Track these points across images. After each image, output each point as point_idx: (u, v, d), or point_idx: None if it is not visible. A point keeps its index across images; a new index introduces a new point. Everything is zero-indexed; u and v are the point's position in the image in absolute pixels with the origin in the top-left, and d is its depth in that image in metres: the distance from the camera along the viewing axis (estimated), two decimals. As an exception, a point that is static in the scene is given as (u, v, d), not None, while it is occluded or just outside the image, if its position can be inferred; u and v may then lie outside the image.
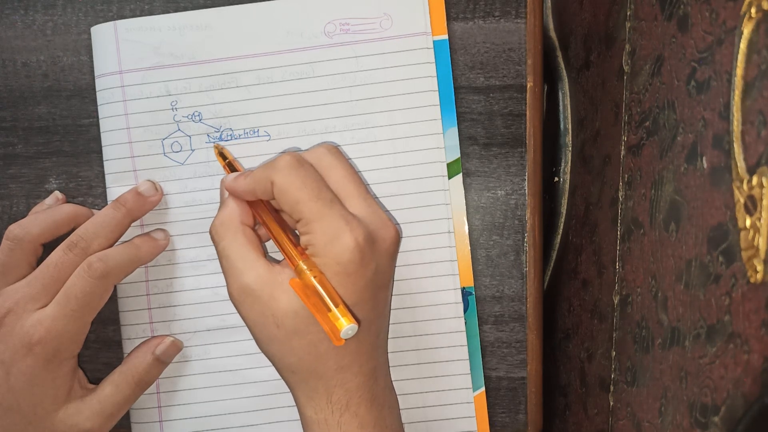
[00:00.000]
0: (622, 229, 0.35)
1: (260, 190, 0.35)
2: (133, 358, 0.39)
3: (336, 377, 0.34)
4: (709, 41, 0.26)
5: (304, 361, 0.34)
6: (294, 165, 0.34)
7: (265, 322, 0.34)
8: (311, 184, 0.34)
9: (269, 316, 0.34)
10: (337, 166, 0.36)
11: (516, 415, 0.41)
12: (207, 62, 0.40)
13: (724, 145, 0.24)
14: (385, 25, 0.40)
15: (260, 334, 0.35)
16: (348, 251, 0.33)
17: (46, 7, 0.41)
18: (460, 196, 0.40)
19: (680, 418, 0.27)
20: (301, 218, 0.34)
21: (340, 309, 0.32)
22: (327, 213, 0.33)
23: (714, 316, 0.25)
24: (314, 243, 0.33)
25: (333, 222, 0.33)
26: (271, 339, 0.34)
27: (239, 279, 0.34)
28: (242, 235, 0.35)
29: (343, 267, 0.33)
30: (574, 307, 0.43)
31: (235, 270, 0.34)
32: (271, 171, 0.34)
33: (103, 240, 0.37)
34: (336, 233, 0.33)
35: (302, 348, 0.34)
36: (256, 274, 0.34)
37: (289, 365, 0.35)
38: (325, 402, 0.34)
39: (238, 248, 0.35)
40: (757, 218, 0.22)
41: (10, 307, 0.35)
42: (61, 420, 0.36)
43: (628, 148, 0.34)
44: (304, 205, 0.33)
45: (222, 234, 0.35)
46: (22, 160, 0.41)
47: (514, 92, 0.41)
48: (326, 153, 0.36)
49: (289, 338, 0.34)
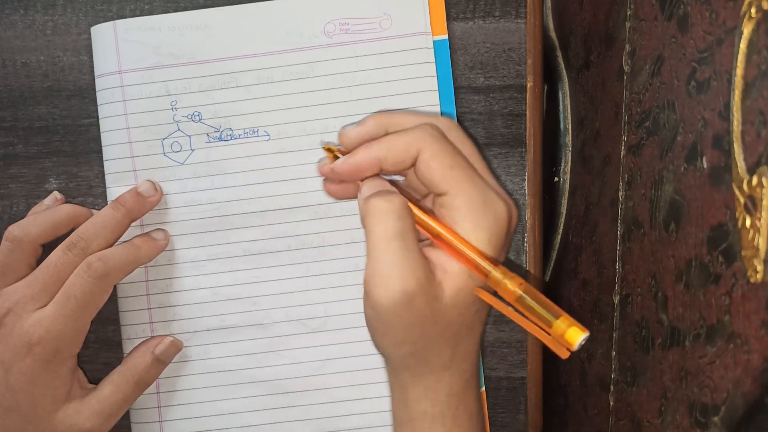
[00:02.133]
0: (622, 229, 0.35)
1: (393, 159, 0.32)
2: (133, 358, 0.39)
3: (461, 366, 0.33)
4: (709, 41, 0.26)
5: (443, 349, 0.32)
6: (441, 133, 0.32)
7: (423, 324, 0.31)
8: (458, 152, 0.32)
9: (429, 317, 0.31)
10: (465, 141, 0.34)
11: (516, 415, 0.41)
12: (207, 62, 0.40)
13: (724, 145, 0.24)
14: (385, 25, 0.40)
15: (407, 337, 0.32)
16: (502, 222, 0.31)
17: (46, 7, 0.41)
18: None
19: (680, 418, 0.27)
20: (451, 187, 0.31)
21: (564, 319, 0.29)
22: (479, 182, 0.32)
23: (714, 316, 0.25)
24: (469, 214, 0.31)
25: (483, 191, 0.32)
26: (420, 337, 0.32)
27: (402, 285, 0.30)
28: (408, 224, 0.31)
29: (496, 240, 0.31)
30: (574, 307, 0.43)
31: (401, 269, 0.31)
32: (417, 138, 0.32)
33: (102, 240, 0.37)
34: (488, 202, 0.31)
35: (442, 334, 0.32)
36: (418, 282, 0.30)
37: (425, 360, 0.32)
38: (445, 394, 0.33)
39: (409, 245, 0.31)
40: (757, 218, 0.22)
41: (9, 307, 0.35)
42: (60, 420, 0.36)
43: (628, 148, 0.34)
44: (457, 170, 0.31)
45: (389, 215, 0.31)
46: (22, 160, 0.41)
47: (514, 92, 0.41)
48: (453, 128, 0.34)
49: (451, 344, 0.32)
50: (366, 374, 0.40)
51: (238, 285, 0.40)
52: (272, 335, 0.40)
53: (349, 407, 0.40)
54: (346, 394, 0.40)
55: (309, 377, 0.40)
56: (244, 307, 0.40)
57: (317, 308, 0.40)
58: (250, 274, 0.40)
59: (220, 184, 0.40)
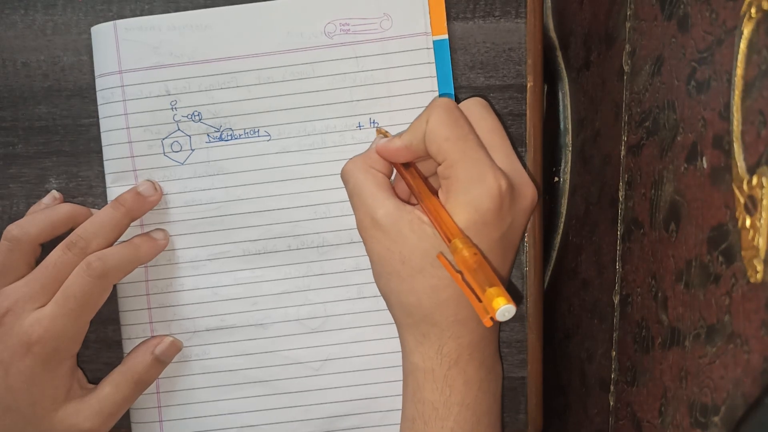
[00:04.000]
0: (622, 229, 0.35)
1: (416, 141, 0.34)
2: (133, 357, 0.39)
3: (451, 329, 0.34)
4: (709, 41, 0.26)
5: (423, 304, 0.34)
6: (449, 106, 0.34)
7: (391, 258, 0.34)
8: (462, 125, 0.34)
9: (395, 252, 0.33)
10: (486, 117, 0.35)
11: (516, 415, 0.41)
12: (207, 62, 0.40)
13: (724, 145, 0.24)
14: (385, 25, 0.40)
15: (382, 268, 0.34)
16: (489, 197, 0.32)
17: (46, 7, 0.41)
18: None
19: (680, 418, 0.27)
20: (446, 158, 0.33)
21: (496, 288, 0.30)
22: (473, 155, 0.33)
23: (714, 316, 0.25)
24: (455, 185, 0.33)
25: (478, 164, 0.33)
26: (392, 274, 0.34)
27: (369, 213, 0.34)
28: (372, 175, 0.35)
29: (480, 215, 0.32)
30: (574, 307, 0.43)
31: (365, 205, 0.34)
32: (427, 111, 0.34)
33: (102, 240, 0.37)
34: (480, 176, 0.33)
35: (424, 290, 0.33)
36: (386, 211, 0.34)
37: (405, 305, 0.34)
38: (434, 351, 0.34)
39: (369, 186, 0.35)
40: (757, 218, 0.21)
41: (8, 306, 0.35)
42: (60, 420, 0.36)
43: (628, 148, 0.34)
44: (452, 143, 0.33)
45: (352, 172, 0.35)
46: (22, 160, 0.41)
47: (514, 92, 0.41)
48: (476, 104, 0.36)
49: (412, 276, 0.33)
50: (366, 374, 0.40)
51: (238, 285, 0.40)
52: (272, 335, 0.40)
53: (349, 407, 0.40)
54: (346, 394, 0.40)
55: (309, 377, 0.40)
56: (243, 307, 0.40)
57: (317, 308, 0.40)
58: (250, 274, 0.40)
59: (220, 184, 0.40)
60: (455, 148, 0.33)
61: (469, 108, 0.35)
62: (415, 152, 0.35)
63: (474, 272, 0.31)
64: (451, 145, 0.33)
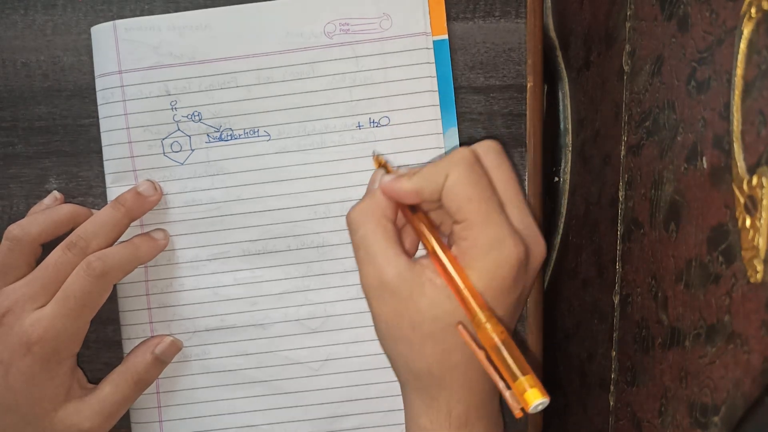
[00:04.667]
0: (622, 229, 0.35)
1: (429, 189, 0.32)
2: (133, 357, 0.39)
3: (460, 392, 0.33)
4: (709, 41, 0.26)
5: (432, 369, 0.32)
6: (472, 162, 0.32)
7: (399, 322, 0.32)
8: (485, 184, 0.32)
9: (405, 317, 0.32)
10: (502, 167, 0.34)
11: (516, 416, 0.41)
12: (207, 62, 0.40)
13: (724, 145, 0.24)
14: (385, 25, 0.40)
15: (389, 332, 0.33)
16: (508, 265, 0.31)
17: (46, 7, 0.41)
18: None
19: (680, 418, 0.27)
20: (466, 219, 0.31)
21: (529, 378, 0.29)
22: (495, 219, 0.31)
23: (714, 316, 0.25)
24: (473, 249, 0.31)
25: (499, 229, 0.31)
26: (400, 339, 0.32)
27: (378, 272, 0.32)
28: (383, 227, 0.33)
29: (498, 282, 0.31)
30: (574, 307, 0.43)
31: (374, 263, 0.32)
32: (446, 164, 0.32)
33: (102, 240, 0.37)
34: (500, 242, 0.31)
35: (433, 354, 0.32)
36: (397, 271, 0.32)
37: (414, 369, 0.33)
38: (444, 415, 0.33)
39: (379, 240, 0.33)
40: (757, 218, 0.22)
41: (9, 306, 0.35)
42: (60, 419, 0.36)
43: (628, 148, 0.34)
44: (475, 204, 0.31)
45: (362, 222, 0.33)
46: (22, 160, 0.41)
47: (514, 92, 0.41)
48: (491, 150, 0.34)
49: (422, 341, 0.32)
50: (366, 374, 0.40)
51: (238, 285, 0.40)
52: (272, 335, 0.40)
53: (349, 407, 0.40)
54: (346, 394, 0.40)
55: (309, 377, 0.40)
56: (243, 307, 0.40)
57: (317, 308, 0.40)
58: (250, 274, 0.40)
59: (220, 184, 0.40)
60: (477, 210, 0.31)
61: (485, 153, 0.34)
62: (423, 198, 0.33)
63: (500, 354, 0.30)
64: (473, 206, 0.31)
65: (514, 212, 0.33)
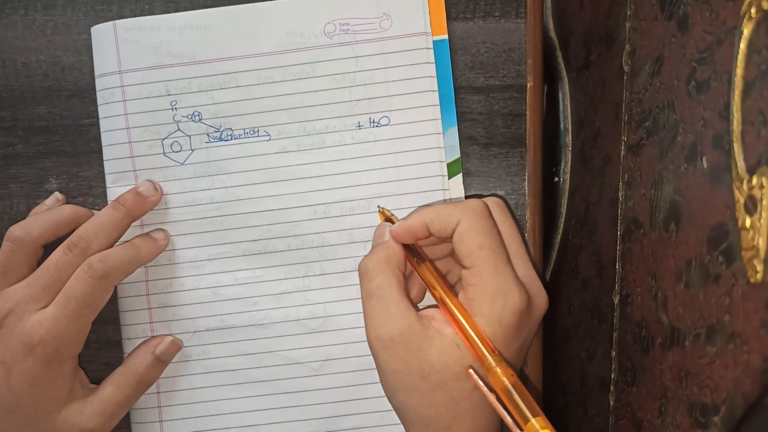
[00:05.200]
0: (622, 229, 0.35)
1: (439, 226, 0.34)
2: (134, 358, 0.39)
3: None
4: (709, 41, 0.26)
5: (442, 416, 0.33)
6: (486, 212, 0.34)
7: (409, 373, 0.33)
8: (495, 235, 0.34)
9: (415, 367, 0.32)
10: (505, 222, 0.35)
11: (516, 415, 0.41)
12: (207, 62, 0.40)
13: (724, 145, 0.24)
14: (385, 25, 0.40)
15: (399, 383, 0.33)
16: (512, 314, 0.32)
17: (46, 7, 0.41)
18: (461, 196, 0.40)
19: (680, 418, 0.27)
20: (475, 266, 0.33)
21: (540, 420, 0.30)
22: (503, 269, 0.33)
23: (714, 316, 0.25)
24: (481, 296, 0.33)
25: (506, 280, 0.33)
26: (411, 390, 0.33)
27: (390, 324, 0.33)
28: (397, 279, 0.34)
29: (503, 329, 0.32)
30: (574, 307, 0.43)
31: (388, 312, 0.33)
32: (461, 210, 0.34)
33: (103, 240, 0.37)
34: (506, 291, 0.32)
35: (442, 402, 0.33)
36: (408, 322, 0.33)
37: (424, 417, 0.33)
38: None
39: (393, 292, 0.33)
40: (757, 218, 0.22)
41: (10, 308, 0.35)
42: (62, 420, 0.36)
43: (628, 148, 0.34)
44: (486, 252, 0.33)
45: (379, 272, 0.34)
46: (22, 160, 0.41)
47: (514, 92, 0.41)
48: (497, 206, 0.36)
49: (431, 391, 0.32)
50: (366, 374, 0.40)
51: (238, 285, 0.40)
52: (272, 335, 0.40)
53: (349, 407, 0.40)
54: (346, 394, 0.40)
55: (309, 377, 0.40)
56: (244, 307, 0.40)
57: (317, 308, 0.40)
58: (250, 274, 0.40)
59: (220, 184, 0.40)
60: (487, 259, 0.33)
61: (492, 208, 0.35)
62: (433, 232, 0.34)
63: (511, 396, 0.31)
64: (484, 254, 0.33)
65: (519, 264, 0.34)
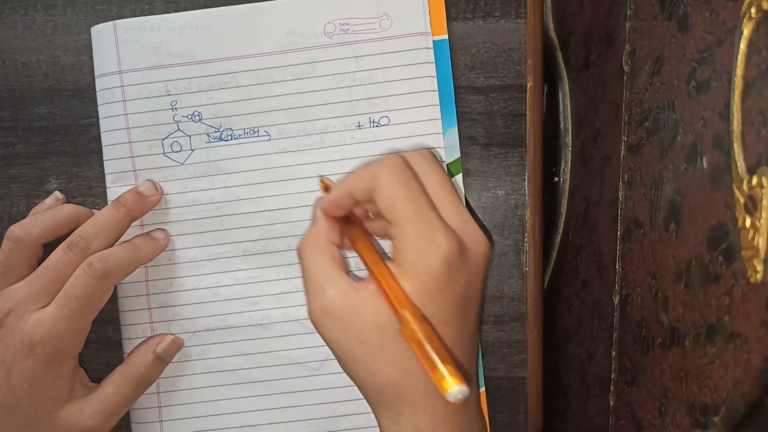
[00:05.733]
0: (622, 229, 0.35)
1: (359, 189, 0.34)
2: (134, 357, 0.39)
3: (423, 401, 0.32)
4: (709, 41, 0.26)
5: (391, 381, 0.32)
6: (400, 164, 0.33)
7: (348, 340, 0.32)
8: (412, 185, 0.33)
9: (352, 333, 0.32)
10: (433, 173, 0.34)
11: (516, 415, 0.41)
12: (207, 62, 0.40)
13: (724, 145, 0.24)
14: (385, 25, 0.40)
15: (342, 352, 0.33)
16: (440, 261, 0.31)
17: (46, 7, 0.41)
18: (461, 196, 0.40)
19: (680, 418, 0.27)
20: (397, 219, 0.32)
21: (448, 368, 0.29)
22: (423, 216, 0.32)
23: (714, 316, 0.25)
24: (405, 248, 0.32)
25: (428, 227, 0.32)
26: (353, 357, 0.33)
27: (322, 294, 0.33)
28: (327, 252, 0.34)
29: (432, 278, 0.31)
30: (574, 307, 0.43)
31: (316, 285, 0.33)
32: (375, 166, 0.33)
33: (103, 240, 0.37)
34: (430, 238, 0.32)
35: (388, 365, 0.32)
36: (340, 289, 0.33)
37: (374, 385, 0.33)
38: (411, 430, 0.32)
39: (321, 264, 0.33)
40: (757, 218, 0.22)
41: (10, 307, 0.35)
42: (63, 419, 0.36)
43: (628, 148, 0.34)
44: (402, 204, 0.32)
45: (306, 250, 0.34)
46: (22, 160, 0.41)
47: (514, 92, 0.41)
48: (423, 159, 0.35)
49: (375, 356, 0.32)
50: (366, 374, 0.40)
51: (238, 285, 0.40)
52: (272, 335, 0.40)
53: (349, 407, 0.40)
54: (346, 394, 0.40)
55: (309, 377, 0.40)
56: (243, 307, 0.40)
57: (317, 308, 0.40)
58: (250, 274, 0.40)
59: (220, 184, 0.40)
60: (406, 209, 0.32)
61: (417, 162, 0.34)
62: (357, 199, 0.34)
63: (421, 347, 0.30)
64: (401, 205, 0.32)
65: (448, 212, 0.33)
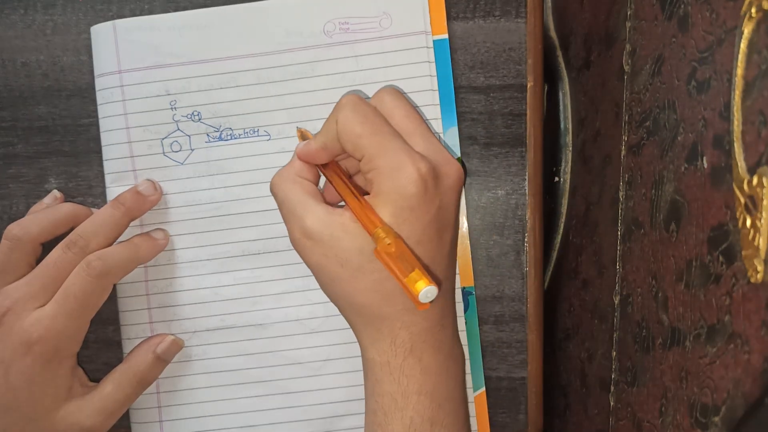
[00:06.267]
0: (623, 229, 0.35)
1: (329, 139, 0.34)
2: (134, 356, 0.39)
3: (401, 318, 0.34)
4: (709, 41, 0.26)
5: (370, 301, 0.33)
6: (356, 101, 0.34)
7: (328, 263, 0.33)
8: (372, 119, 0.34)
9: (332, 256, 0.33)
10: (399, 106, 0.35)
11: (516, 415, 0.41)
12: (206, 62, 0.40)
13: (724, 145, 0.24)
14: (385, 24, 0.40)
15: (324, 276, 0.34)
16: (411, 183, 0.32)
17: (46, 7, 0.41)
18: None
19: (680, 418, 0.27)
20: (363, 154, 0.33)
21: (417, 271, 0.30)
22: (388, 146, 0.33)
23: (714, 316, 0.25)
24: (377, 178, 0.33)
25: (395, 154, 0.33)
26: (334, 279, 0.34)
27: (299, 223, 0.34)
28: (299, 184, 0.35)
29: (406, 200, 0.32)
30: (575, 307, 0.43)
31: (295, 215, 0.34)
32: (335, 111, 0.34)
33: (101, 239, 0.37)
34: (399, 165, 0.32)
35: (367, 286, 0.33)
36: (316, 217, 0.33)
37: (354, 305, 0.34)
38: (388, 344, 0.34)
39: (296, 195, 0.35)
40: (758, 218, 0.21)
41: (9, 306, 0.35)
42: (61, 418, 0.36)
43: (629, 148, 0.34)
44: (365, 139, 0.33)
45: (279, 184, 0.35)
46: (22, 159, 0.41)
47: (514, 92, 0.41)
48: (386, 94, 0.36)
49: (353, 277, 0.33)
50: (366, 374, 0.40)
51: (238, 285, 0.40)
52: (272, 335, 0.40)
53: (349, 407, 0.40)
54: (345, 395, 0.40)
55: (309, 377, 0.40)
56: (243, 307, 0.40)
57: (317, 308, 0.40)
58: (249, 274, 0.40)
59: (220, 184, 0.40)
60: (370, 143, 0.33)
61: (380, 99, 0.35)
62: (332, 152, 0.35)
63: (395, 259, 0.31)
64: (365, 140, 0.33)
65: (417, 141, 0.34)
